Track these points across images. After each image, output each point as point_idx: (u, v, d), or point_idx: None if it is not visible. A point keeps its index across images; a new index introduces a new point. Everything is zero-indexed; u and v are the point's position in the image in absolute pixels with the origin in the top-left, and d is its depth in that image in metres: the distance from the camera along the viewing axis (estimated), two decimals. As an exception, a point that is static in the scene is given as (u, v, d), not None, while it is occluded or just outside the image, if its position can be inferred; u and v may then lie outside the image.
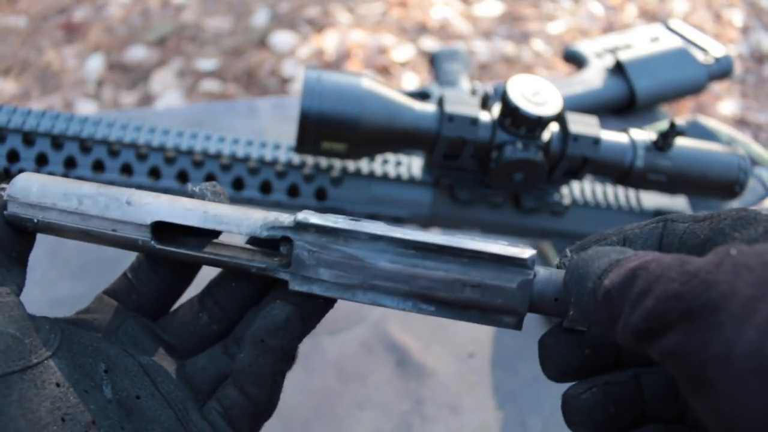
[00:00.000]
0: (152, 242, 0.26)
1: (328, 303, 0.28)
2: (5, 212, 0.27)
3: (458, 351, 0.58)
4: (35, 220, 0.27)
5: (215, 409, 0.27)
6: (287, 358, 0.27)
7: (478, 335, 0.59)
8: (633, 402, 0.25)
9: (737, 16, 2.00)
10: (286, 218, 0.26)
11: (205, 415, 0.26)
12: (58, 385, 0.23)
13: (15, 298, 0.25)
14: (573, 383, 0.26)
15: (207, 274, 0.30)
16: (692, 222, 0.24)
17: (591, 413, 0.25)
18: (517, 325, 0.26)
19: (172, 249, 0.27)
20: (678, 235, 0.24)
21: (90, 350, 0.26)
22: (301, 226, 0.26)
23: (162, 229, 0.27)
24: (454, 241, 0.25)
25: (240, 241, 0.28)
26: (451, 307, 0.26)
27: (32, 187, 0.27)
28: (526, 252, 0.25)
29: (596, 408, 0.25)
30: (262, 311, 0.27)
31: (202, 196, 0.28)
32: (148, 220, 0.26)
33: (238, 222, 0.26)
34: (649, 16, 1.98)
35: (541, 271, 0.25)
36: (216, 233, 0.28)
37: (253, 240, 0.28)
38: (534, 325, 0.60)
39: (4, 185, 0.27)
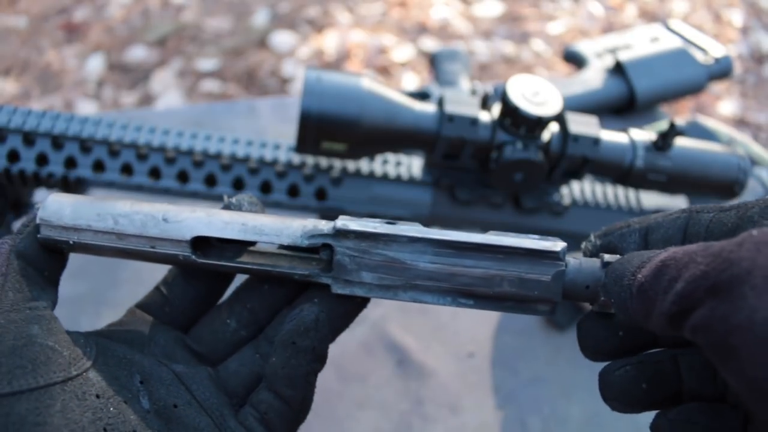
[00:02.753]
0: (193, 257, 0.27)
1: (364, 301, 0.28)
2: (38, 235, 0.27)
3: (458, 351, 0.58)
4: (71, 242, 0.27)
5: (252, 414, 0.27)
6: (319, 358, 0.27)
7: (478, 335, 0.59)
8: (667, 380, 0.26)
9: (737, 16, 2.00)
10: (324, 225, 0.27)
11: (242, 420, 0.27)
12: (98, 396, 0.24)
13: (51, 313, 0.26)
14: (610, 362, 0.27)
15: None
16: (718, 212, 0.24)
17: (624, 389, 0.26)
18: (551, 312, 0.27)
19: (213, 262, 0.27)
20: (704, 225, 0.25)
21: (124, 362, 0.26)
22: (341, 233, 0.27)
23: (199, 241, 0.27)
24: (491, 239, 0.26)
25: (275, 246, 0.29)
26: (489, 300, 0.27)
27: (64, 210, 0.27)
28: (557, 245, 0.26)
29: (629, 384, 0.26)
30: (291, 314, 0.27)
31: (238, 207, 0.29)
32: (188, 236, 0.26)
33: (278, 232, 0.27)
34: (649, 16, 1.98)
35: (572, 261, 0.27)
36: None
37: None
38: (533, 325, 0.60)
39: (36, 208, 0.27)
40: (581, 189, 0.53)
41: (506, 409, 0.55)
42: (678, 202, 0.54)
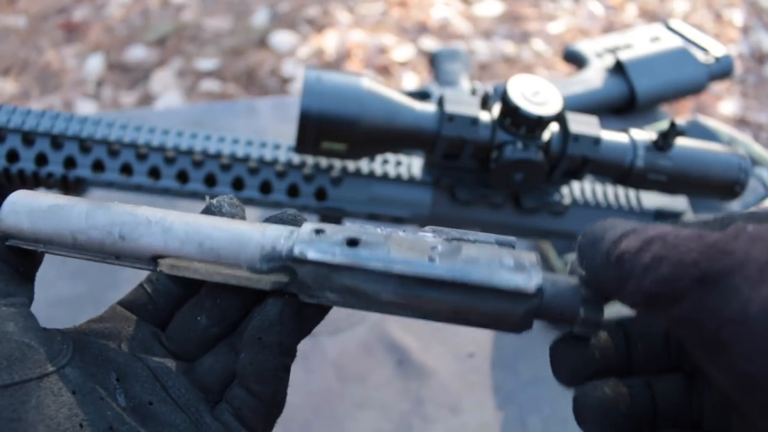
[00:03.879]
0: (158, 271, 0.27)
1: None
2: (6, 243, 0.27)
3: (458, 351, 0.58)
4: (38, 251, 0.27)
5: (227, 410, 0.27)
6: (287, 352, 0.27)
7: (478, 335, 0.59)
8: (644, 406, 0.25)
9: (737, 16, 2.00)
10: (284, 245, 0.26)
11: (218, 416, 0.27)
12: (74, 392, 0.24)
13: (27, 309, 0.26)
14: (585, 384, 0.26)
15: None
16: (701, 225, 0.24)
17: (600, 413, 0.25)
18: (519, 332, 0.26)
19: (175, 273, 0.27)
20: None
21: (100, 360, 0.26)
22: (299, 261, 0.26)
23: None
24: (458, 272, 0.25)
25: None
26: (457, 322, 0.26)
27: (22, 222, 0.26)
28: (532, 280, 0.25)
29: (606, 409, 0.25)
30: (256, 310, 0.27)
31: (219, 208, 0.29)
32: (147, 255, 0.26)
33: (235, 255, 0.26)
34: (649, 15, 1.98)
35: (548, 289, 0.25)
36: None
37: None
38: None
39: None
40: (581, 189, 0.53)
41: (506, 409, 0.54)
42: (678, 202, 0.54)
